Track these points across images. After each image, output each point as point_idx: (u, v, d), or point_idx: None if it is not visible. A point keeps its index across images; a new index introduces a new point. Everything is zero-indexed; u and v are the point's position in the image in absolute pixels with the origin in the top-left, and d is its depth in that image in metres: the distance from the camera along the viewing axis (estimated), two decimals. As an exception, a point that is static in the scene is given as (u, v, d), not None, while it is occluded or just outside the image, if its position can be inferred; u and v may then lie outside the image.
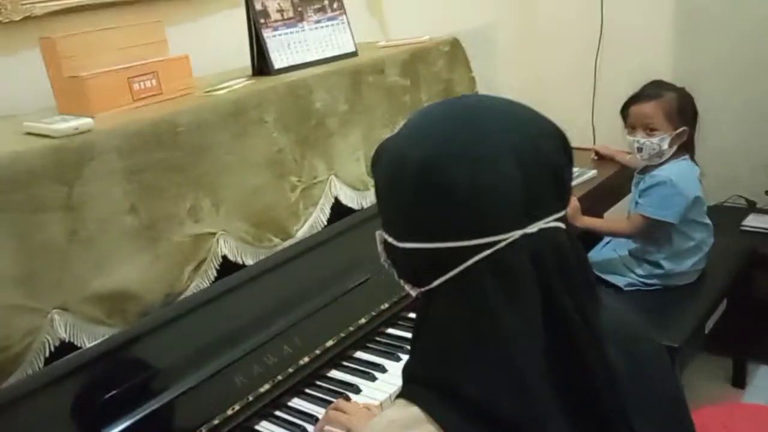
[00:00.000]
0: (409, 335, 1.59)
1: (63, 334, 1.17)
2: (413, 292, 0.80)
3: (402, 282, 0.82)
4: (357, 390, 1.43)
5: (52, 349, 1.17)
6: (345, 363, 1.53)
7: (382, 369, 1.48)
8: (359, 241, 1.68)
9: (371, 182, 1.78)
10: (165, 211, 1.31)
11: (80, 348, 1.19)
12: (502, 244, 0.70)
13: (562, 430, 0.68)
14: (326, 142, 1.65)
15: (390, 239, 0.78)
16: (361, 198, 1.76)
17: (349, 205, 1.73)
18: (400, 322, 1.68)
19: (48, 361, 1.15)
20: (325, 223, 1.67)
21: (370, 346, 1.59)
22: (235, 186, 1.44)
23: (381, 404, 1.37)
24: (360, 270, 1.62)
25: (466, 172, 0.69)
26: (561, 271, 0.72)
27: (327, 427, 1.28)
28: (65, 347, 1.18)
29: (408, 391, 0.73)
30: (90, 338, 1.21)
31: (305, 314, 1.49)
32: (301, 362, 1.44)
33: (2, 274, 1.09)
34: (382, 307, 1.63)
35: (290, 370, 1.42)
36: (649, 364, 0.81)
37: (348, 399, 1.38)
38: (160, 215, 1.31)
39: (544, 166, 0.72)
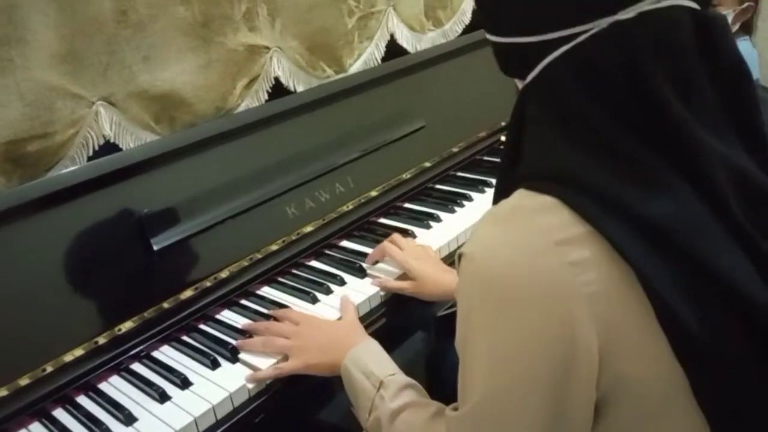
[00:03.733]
0: (459, 190, 1.48)
1: (107, 131, 1.03)
2: (519, 85, 0.69)
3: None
4: (413, 236, 1.32)
5: (96, 147, 1.03)
6: (395, 212, 1.42)
7: (437, 218, 1.37)
8: (414, 87, 1.54)
9: (429, 24, 1.62)
10: (219, 10, 1.15)
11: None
12: (583, 37, 0.58)
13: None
14: (388, -35, 1.47)
15: (486, 34, 0.68)
16: (417, 40, 1.60)
17: (405, 45, 1.58)
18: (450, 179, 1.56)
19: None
20: (379, 62, 1.52)
21: (423, 198, 1.47)
22: (293, -5, 1.27)
23: (439, 249, 1.27)
24: (415, 117, 1.48)
25: None
26: (668, 69, 0.57)
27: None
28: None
29: (527, 186, 0.61)
30: (136, 142, 1.07)
31: (358, 155, 1.36)
32: (351, 206, 1.32)
33: (45, 47, 0.93)
34: (437, 158, 1.51)
35: (344, 208, 1.30)
36: None
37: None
38: (215, 13, 1.14)
39: None
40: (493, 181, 1.51)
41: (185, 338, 1.04)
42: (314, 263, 1.24)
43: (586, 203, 0.57)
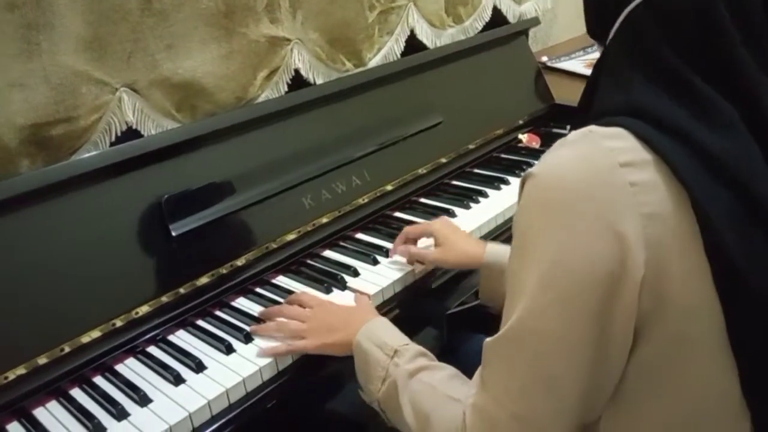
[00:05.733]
0: (474, 186, 1.48)
1: (130, 117, 1.04)
2: (599, 49, 0.73)
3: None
4: (428, 230, 1.32)
5: (119, 132, 1.04)
6: (411, 206, 1.43)
7: (452, 214, 1.38)
8: (433, 83, 1.55)
9: (449, 20, 1.63)
10: (242, 1, 1.16)
11: (146, 138, 1.07)
12: None
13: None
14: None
15: None
16: (437, 36, 1.60)
17: (424, 41, 1.58)
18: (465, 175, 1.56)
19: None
20: (399, 56, 1.52)
21: (439, 193, 1.48)
22: (315, -11, 1.28)
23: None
24: (433, 113, 1.49)
25: None
26: (737, 18, 0.62)
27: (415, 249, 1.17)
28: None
29: (599, 122, 0.65)
30: (157, 129, 1.08)
31: (375, 149, 1.36)
32: (367, 199, 1.33)
33: (70, 33, 0.95)
34: (453, 154, 1.52)
35: (360, 201, 1.31)
36: None
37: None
38: (238, 4, 1.16)
39: None
40: (509, 178, 1.51)
41: (201, 323, 1.05)
42: (329, 254, 1.25)
43: (653, 132, 0.61)
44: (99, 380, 0.94)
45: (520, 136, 1.71)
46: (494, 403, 0.64)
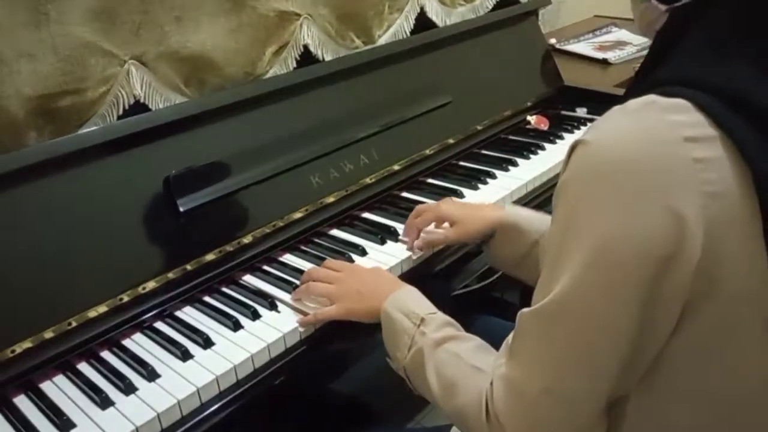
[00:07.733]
0: (482, 167, 1.47)
1: (138, 91, 1.03)
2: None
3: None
4: (435, 210, 1.31)
5: (126, 106, 1.03)
6: (418, 186, 1.42)
7: (460, 195, 1.37)
8: (442, 62, 1.53)
9: (459, -1, 1.60)
10: (252, -27, 1.14)
11: (154, 112, 1.05)
12: None
13: None
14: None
15: None
16: (447, 14, 1.58)
17: (434, 19, 1.56)
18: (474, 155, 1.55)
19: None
20: (408, 34, 1.50)
21: (446, 174, 1.46)
22: (325, -37, 1.26)
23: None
24: (441, 92, 1.47)
25: None
26: None
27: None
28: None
29: (660, 91, 0.60)
30: (165, 103, 1.07)
31: (383, 127, 1.35)
32: (374, 179, 1.32)
33: (80, 3, 0.94)
34: (461, 135, 1.50)
35: (367, 180, 1.30)
36: None
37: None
38: (248, -24, 1.13)
39: None
40: (518, 159, 1.50)
41: (208, 299, 1.05)
42: (336, 232, 1.24)
43: (720, 107, 0.57)
44: (107, 355, 0.94)
45: (529, 118, 1.70)
46: (525, 377, 0.63)
